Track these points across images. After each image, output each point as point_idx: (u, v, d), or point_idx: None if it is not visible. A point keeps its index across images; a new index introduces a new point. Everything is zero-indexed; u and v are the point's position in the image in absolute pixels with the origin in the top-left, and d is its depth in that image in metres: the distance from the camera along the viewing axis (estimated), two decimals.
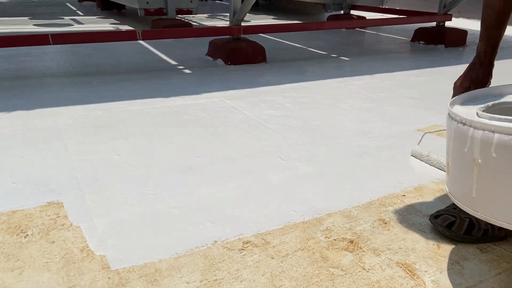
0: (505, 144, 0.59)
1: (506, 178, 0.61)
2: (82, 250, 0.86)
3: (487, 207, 0.65)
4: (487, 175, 0.64)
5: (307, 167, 1.28)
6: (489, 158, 0.62)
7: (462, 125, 0.67)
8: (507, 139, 0.59)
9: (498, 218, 0.64)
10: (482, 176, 0.64)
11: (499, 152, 0.60)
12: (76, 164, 1.25)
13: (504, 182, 0.62)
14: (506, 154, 0.60)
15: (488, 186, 0.64)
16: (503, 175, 0.61)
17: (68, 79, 2.29)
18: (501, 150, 0.60)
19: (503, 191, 0.62)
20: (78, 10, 6.02)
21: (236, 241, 0.91)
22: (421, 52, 3.33)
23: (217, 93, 2.08)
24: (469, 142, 0.65)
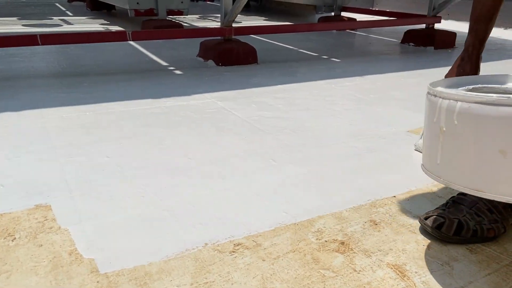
0: (465, 111, 0.64)
1: (465, 144, 0.66)
2: (70, 254, 0.85)
3: (449, 172, 0.70)
4: (449, 142, 0.69)
5: (298, 168, 1.28)
6: (452, 125, 0.67)
7: (433, 97, 0.72)
8: (467, 106, 0.64)
9: (458, 183, 0.68)
10: (445, 143, 0.70)
11: (460, 119, 0.65)
12: (65, 166, 1.24)
13: (463, 147, 0.66)
14: (465, 121, 0.65)
15: (450, 152, 0.69)
16: (462, 141, 0.66)
17: (57, 80, 2.27)
18: (462, 117, 0.65)
19: (462, 156, 0.67)
20: (68, 10, 5.97)
21: (227, 243, 0.90)
22: (411, 53, 3.35)
23: (208, 94, 2.07)
24: (437, 112, 0.70)
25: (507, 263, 0.86)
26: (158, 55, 3.01)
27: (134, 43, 3.40)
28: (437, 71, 2.69)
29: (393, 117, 1.78)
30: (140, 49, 3.21)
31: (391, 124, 1.69)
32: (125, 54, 3.04)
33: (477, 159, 0.65)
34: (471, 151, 0.65)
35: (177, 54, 3.08)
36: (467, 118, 0.64)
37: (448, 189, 1.16)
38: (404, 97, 2.08)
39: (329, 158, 1.35)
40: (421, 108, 1.89)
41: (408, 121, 1.72)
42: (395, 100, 2.02)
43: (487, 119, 0.62)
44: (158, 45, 3.34)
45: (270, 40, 3.77)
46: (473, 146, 0.65)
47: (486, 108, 0.61)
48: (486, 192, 0.65)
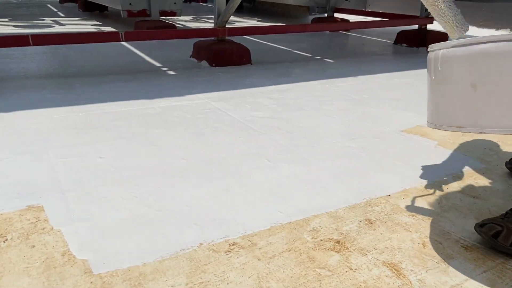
0: (444, 57, 0.72)
1: (446, 86, 0.73)
2: (63, 255, 0.84)
3: (438, 116, 0.77)
4: (437, 88, 0.76)
5: (293, 168, 1.27)
6: (437, 73, 0.74)
7: (429, 52, 0.78)
8: (445, 52, 0.72)
9: (444, 123, 0.75)
10: (434, 90, 0.77)
11: (442, 65, 0.73)
12: (57, 167, 1.22)
13: (445, 90, 0.74)
14: (445, 65, 0.72)
15: (437, 97, 0.76)
16: (445, 84, 0.74)
17: (49, 81, 2.25)
18: (443, 62, 0.73)
19: (445, 98, 0.74)
20: (59, 11, 5.93)
21: (222, 243, 0.90)
22: (403, 54, 3.37)
23: (202, 94, 2.07)
24: (430, 64, 0.76)
25: (502, 261, 0.86)
26: (151, 55, 3.00)
27: (127, 44, 3.38)
28: None
29: (386, 117, 1.78)
30: (133, 50, 3.19)
31: (384, 124, 1.69)
32: (118, 55, 3.02)
33: (455, 97, 0.73)
34: (450, 91, 0.73)
35: (171, 54, 3.06)
36: (446, 62, 0.73)
37: (442, 188, 1.17)
38: (397, 97, 2.08)
39: (324, 158, 1.35)
40: (414, 108, 1.90)
41: (401, 121, 1.72)
42: (388, 100, 2.03)
43: (459, 59, 0.71)
44: (151, 46, 3.33)
45: (264, 41, 3.77)
46: (451, 86, 0.73)
47: (458, 50, 0.70)
48: (464, 127, 0.72)
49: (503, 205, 1.08)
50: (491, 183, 1.21)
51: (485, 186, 1.19)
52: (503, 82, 0.65)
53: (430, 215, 1.03)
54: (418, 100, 2.03)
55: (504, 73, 0.65)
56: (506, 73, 0.64)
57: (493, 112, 0.67)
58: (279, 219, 1.00)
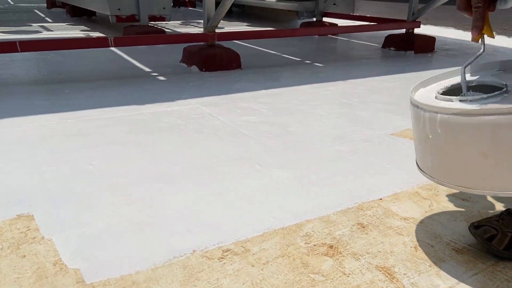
0: (445, 122, 0.72)
1: (450, 149, 0.73)
2: (55, 264, 0.83)
3: (440, 173, 0.78)
4: (436, 148, 0.76)
5: (284, 173, 1.28)
6: (436, 133, 0.74)
7: (416, 108, 0.78)
8: (446, 117, 0.71)
9: (449, 182, 0.76)
10: (433, 148, 0.77)
11: (442, 129, 0.72)
12: (47, 175, 1.21)
13: (449, 152, 0.74)
14: (447, 130, 0.72)
15: (438, 156, 0.77)
16: (447, 147, 0.74)
17: (37, 87, 2.22)
18: (443, 127, 0.72)
19: (449, 160, 0.74)
20: (47, 17, 5.88)
21: (215, 250, 0.89)
22: (391, 58, 3.40)
23: (192, 99, 2.06)
24: (422, 121, 0.76)
25: (493, 263, 0.87)
26: (140, 61, 2.99)
27: (116, 50, 3.36)
28: (417, 75, 2.74)
29: (376, 121, 1.79)
30: (122, 55, 3.18)
31: (374, 127, 1.71)
32: (107, 60, 3.00)
33: (462, 161, 0.72)
34: (456, 155, 0.72)
35: (160, 60, 3.06)
36: (448, 128, 0.72)
37: (433, 191, 1.18)
38: (387, 101, 2.10)
39: (315, 162, 1.36)
40: (403, 111, 1.92)
41: (391, 124, 1.74)
42: (377, 104, 2.05)
43: (465, 127, 0.69)
44: (140, 51, 3.32)
45: (253, 46, 3.78)
46: (457, 150, 0.72)
47: (463, 118, 0.69)
48: (474, 189, 0.72)
49: (493, 207, 1.10)
50: None
51: None
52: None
53: (421, 218, 1.04)
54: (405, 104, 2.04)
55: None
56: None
57: (506, 176, 0.67)
58: (272, 225, 1.00)
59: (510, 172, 0.67)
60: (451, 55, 3.55)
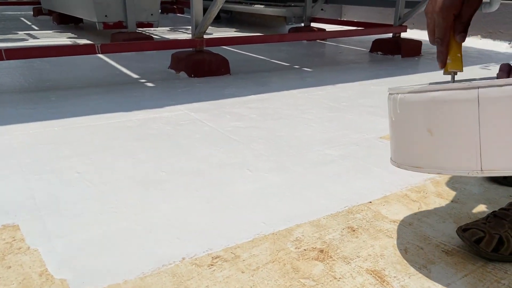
0: (402, 101, 0.76)
1: (405, 128, 0.77)
2: (41, 275, 0.81)
3: (398, 155, 0.80)
4: (396, 129, 0.79)
5: (274, 177, 1.27)
6: (396, 114, 0.78)
7: (389, 95, 0.81)
8: (403, 96, 0.75)
9: (404, 163, 0.78)
10: (394, 130, 0.80)
11: (400, 108, 0.76)
12: (33, 184, 1.19)
13: (404, 131, 0.77)
14: (403, 108, 0.76)
15: (397, 137, 0.80)
16: (403, 126, 0.77)
17: (24, 95, 2.20)
18: (401, 106, 0.76)
19: (404, 139, 0.78)
20: (33, 24, 5.83)
21: (205, 257, 0.89)
22: (379, 62, 3.43)
23: (181, 106, 2.05)
24: (388, 106, 0.81)
25: (482, 264, 0.87)
26: (128, 67, 2.97)
27: (104, 56, 3.34)
28: (405, 78, 2.76)
29: (364, 124, 1.80)
30: (110, 62, 3.16)
31: (363, 131, 1.71)
32: (94, 67, 2.98)
33: (413, 140, 0.76)
34: (409, 133, 0.76)
35: (148, 66, 3.04)
36: (404, 106, 0.76)
37: (422, 193, 1.18)
38: (375, 104, 2.11)
39: (305, 166, 1.36)
40: None
41: (378, 128, 1.75)
42: (365, 108, 2.06)
43: (416, 104, 0.73)
44: (128, 58, 3.30)
45: (242, 51, 3.78)
46: (410, 129, 0.76)
47: (413, 96, 0.73)
48: (423, 168, 0.75)
49: (481, 208, 1.10)
50: (468, 187, 1.23)
51: (463, 190, 1.21)
52: (456, 127, 0.69)
53: (410, 221, 1.04)
54: None
55: (456, 118, 0.69)
56: (458, 118, 0.68)
57: (450, 154, 0.70)
58: (262, 230, 0.99)
59: (452, 150, 0.70)
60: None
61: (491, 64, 3.29)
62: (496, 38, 4.27)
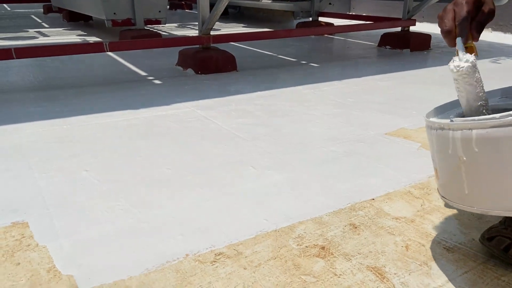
0: (483, 137, 0.64)
1: (492, 168, 0.65)
2: (49, 271, 0.84)
3: (481, 200, 0.69)
4: (474, 170, 0.67)
5: (278, 175, 1.28)
6: (472, 154, 0.66)
7: (441, 130, 0.71)
8: (484, 132, 0.63)
9: (493, 208, 0.67)
10: (469, 172, 0.68)
11: (480, 146, 0.65)
12: (41, 182, 1.22)
13: (490, 172, 0.65)
14: (486, 146, 0.64)
15: (477, 180, 0.68)
16: (488, 167, 0.65)
17: (33, 94, 2.23)
18: (481, 143, 0.64)
19: (492, 181, 0.66)
20: (44, 22, 5.89)
21: (208, 253, 0.90)
22: (387, 56, 3.41)
23: (188, 103, 2.07)
24: (451, 143, 0.68)
25: (483, 261, 0.88)
26: (136, 65, 3.00)
27: (112, 54, 3.37)
28: (413, 73, 2.75)
29: (370, 121, 1.80)
30: (118, 60, 3.19)
31: (368, 127, 1.72)
32: (103, 65, 3.01)
33: (509, 180, 0.64)
34: (500, 174, 0.64)
35: (156, 63, 3.07)
36: (487, 144, 0.64)
37: (425, 190, 1.19)
38: (381, 101, 2.11)
39: (308, 164, 1.37)
40: (397, 111, 1.93)
41: (385, 124, 1.75)
42: (372, 104, 2.05)
43: (509, 140, 0.62)
44: (136, 55, 3.33)
45: (249, 47, 3.79)
46: (501, 168, 0.64)
47: (505, 130, 0.61)
48: None
49: None
50: None
51: None
52: None
53: (413, 218, 1.05)
54: (402, 103, 2.06)
55: None
56: None
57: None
58: (265, 227, 1.00)
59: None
60: (446, 52, 3.56)
61: (502, 58, 3.25)
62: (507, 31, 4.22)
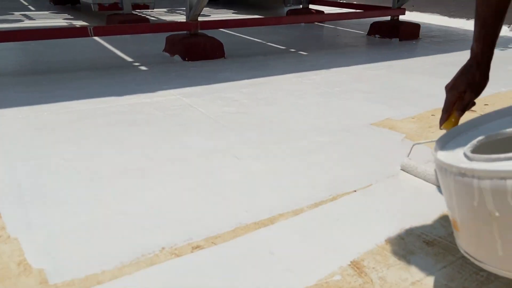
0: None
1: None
2: (19, 264, 0.81)
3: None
4: (511, 228, 0.55)
5: (261, 165, 1.27)
6: (508, 208, 0.53)
7: (461, 177, 0.58)
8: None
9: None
10: (505, 230, 0.55)
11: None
12: (18, 171, 1.19)
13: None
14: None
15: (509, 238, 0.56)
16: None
17: (15, 79, 2.18)
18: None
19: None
20: (30, 5, 5.76)
21: (185, 247, 0.89)
22: (376, 45, 3.39)
23: (174, 90, 2.04)
24: (477, 194, 0.55)
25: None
26: (123, 50, 2.94)
27: (99, 39, 3.30)
28: (401, 62, 2.73)
29: (357, 110, 1.79)
30: (104, 45, 3.12)
31: (355, 117, 1.70)
32: (88, 50, 2.95)
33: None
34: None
35: (143, 49, 3.01)
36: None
37: (408, 184, 1.18)
38: (369, 90, 2.09)
39: (293, 153, 1.35)
40: (384, 101, 1.91)
41: (371, 114, 1.73)
42: (359, 93, 2.04)
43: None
44: (123, 41, 3.26)
45: (239, 34, 3.74)
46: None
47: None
48: None
49: None
50: None
51: None
52: None
53: (394, 210, 1.04)
54: (389, 93, 2.05)
55: None
56: None
57: None
58: (245, 219, 0.99)
59: None
60: (435, 42, 3.54)
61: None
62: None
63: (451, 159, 0.65)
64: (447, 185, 0.63)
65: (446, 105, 0.99)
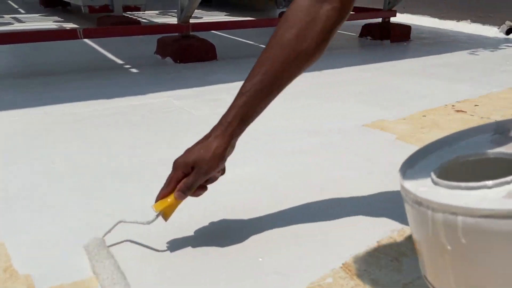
0: (473, 228, 0.48)
1: (486, 264, 0.50)
2: (5, 270, 0.80)
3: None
4: (462, 263, 0.52)
5: (249, 168, 1.26)
6: (459, 244, 0.50)
7: (418, 205, 0.55)
8: (473, 221, 0.47)
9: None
10: (456, 264, 0.53)
11: (468, 238, 0.49)
12: (5, 175, 1.17)
13: (484, 269, 0.50)
14: (477, 239, 0.48)
15: (466, 274, 0.53)
16: (480, 262, 0.50)
17: (6, 82, 2.16)
18: (470, 235, 0.49)
19: (487, 278, 0.50)
20: (20, 7, 5.72)
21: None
22: (367, 47, 3.40)
23: (165, 93, 2.03)
24: (431, 225, 0.53)
25: None
26: (114, 53, 2.92)
27: (89, 41, 3.28)
28: (392, 64, 2.74)
29: (348, 112, 1.79)
30: (95, 47, 3.10)
31: (346, 118, 1.70)
32: (79, 52, 2.93)
33: (503, 276, 0.49)
34: (497, 271, 0.50)
35: (134, 51, 2.99)
36: (478, 236, 0.49)
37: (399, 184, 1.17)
38: (360, 91, 2.10)
39: (282, 155, 1.34)
40: (376, 102, 1.92)
41: (363, 115, 1.73)
42: (351, 94, 2.04)
43: (507, 235, 0.47)
44: (114, 43, 3.24)
45: (231, 36, 3.73)
46: (497, 264, 0.49)
47: (501, 222, 0.46)
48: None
49: None
50: None
51: None
52: None
53: (385, 211, 1.03)
54: (380, 94, 2.05)
55: None
56: None
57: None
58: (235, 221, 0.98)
59: None
60: (426, 43, 3.57)
61: (479, 50, 3.27)
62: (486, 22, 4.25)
63: (416, 181, 0.62)
64: (407, 209, 0.61)
65: (167, 180, 0.85)
